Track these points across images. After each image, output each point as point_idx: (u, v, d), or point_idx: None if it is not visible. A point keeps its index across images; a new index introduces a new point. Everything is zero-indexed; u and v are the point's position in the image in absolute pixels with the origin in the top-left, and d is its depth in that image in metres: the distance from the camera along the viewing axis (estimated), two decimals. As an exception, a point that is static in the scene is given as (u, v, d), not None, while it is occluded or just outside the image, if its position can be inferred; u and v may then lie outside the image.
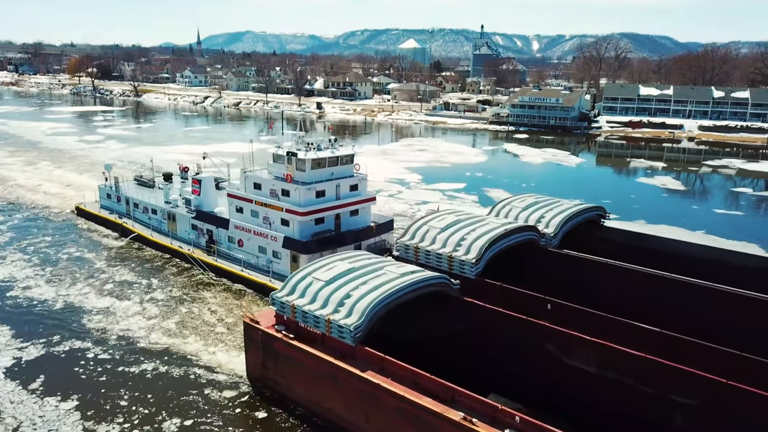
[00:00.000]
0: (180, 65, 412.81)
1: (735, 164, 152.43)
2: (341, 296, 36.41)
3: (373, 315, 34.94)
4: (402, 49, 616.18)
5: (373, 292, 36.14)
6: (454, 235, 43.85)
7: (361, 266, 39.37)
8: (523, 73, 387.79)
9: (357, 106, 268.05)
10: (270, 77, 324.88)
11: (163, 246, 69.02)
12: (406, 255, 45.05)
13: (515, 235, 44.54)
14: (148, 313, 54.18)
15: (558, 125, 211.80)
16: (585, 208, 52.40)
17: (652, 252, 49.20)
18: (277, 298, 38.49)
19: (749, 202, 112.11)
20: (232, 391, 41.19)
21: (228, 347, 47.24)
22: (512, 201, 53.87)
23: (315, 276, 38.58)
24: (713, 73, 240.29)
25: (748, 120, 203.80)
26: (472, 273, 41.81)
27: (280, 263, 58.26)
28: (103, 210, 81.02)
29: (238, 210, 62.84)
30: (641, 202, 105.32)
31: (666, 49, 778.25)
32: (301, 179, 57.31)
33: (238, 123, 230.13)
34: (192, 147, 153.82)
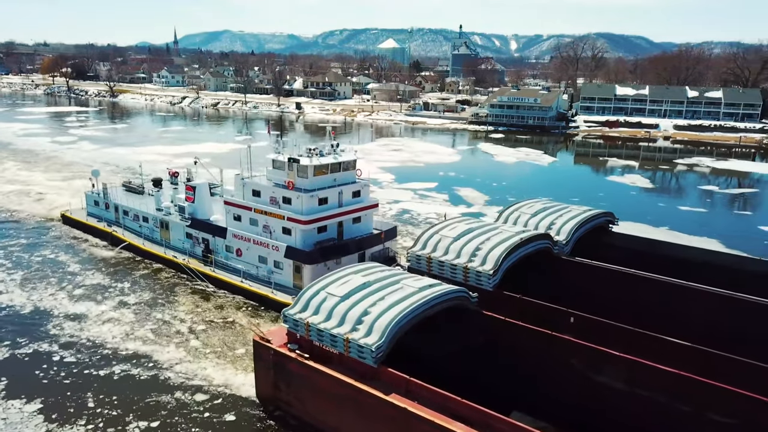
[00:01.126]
0: (157, 65, 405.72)
1: (705, 163, 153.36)
2: (359, 313, 34.01)
3: (394, 334, 32.63)
4: (381, 48, 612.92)
5: (393, 308, 33.80)
6: (468, 245, 41.61)
7: (376, 280, 36.99)
8: (502, 72, 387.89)
9: (336, 106, 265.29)
10: (248, 77, 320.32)
11: (157, 256, 65.54)
12: (417, 266, 42.71)
13: (531, 243, 42.48)
14: (149, 331, 50.73)
15: (536, 125, 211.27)
16: (595, 214, 50.53)
17: (664, 258, 47.45)
18: (290, 316, 35.94)
19: (714, 199, 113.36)
20: (240, 412, 38.73)
21: (232, 364, 44.70)
22: (520, 207, 51.83)
23: (329, 291, 36.09)
24: (687, 73, 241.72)
25: (721, 119, 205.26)
26: (489, 285, 39.64)
27: (282, 274, 55.43)
28: (90, 218, 77.01)
29: (236, 218, 59.74)
30: (608, 199, 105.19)
31: (641, 48, 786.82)
32: (303, 186, 54.60)
33: (216, 124, 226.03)
34: (165, 148, 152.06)
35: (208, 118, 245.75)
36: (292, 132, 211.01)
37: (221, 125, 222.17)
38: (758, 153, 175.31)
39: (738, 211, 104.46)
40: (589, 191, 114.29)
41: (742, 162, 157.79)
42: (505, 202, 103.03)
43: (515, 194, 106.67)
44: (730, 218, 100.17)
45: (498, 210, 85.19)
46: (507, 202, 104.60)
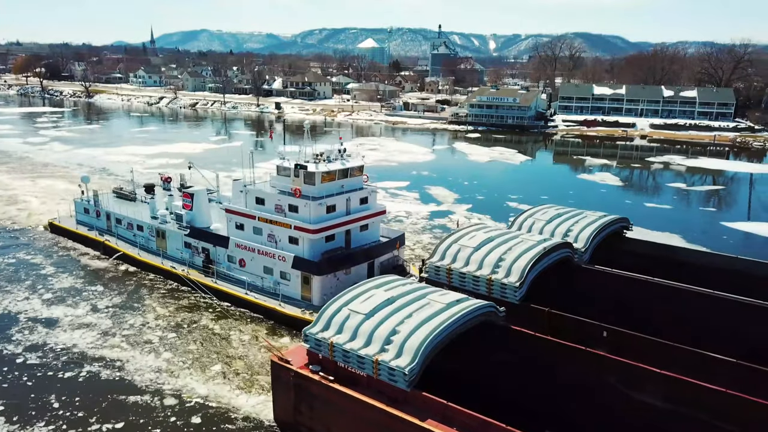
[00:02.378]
0: (133, 65, 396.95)
1: (676, 161, 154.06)
2: (386, 332, 31.70)
3: (427, 355, 30.42)
4: (360, 48, 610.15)
5: (423, 327, 31.57)
6: (490, 255, 39.47)
7: (400, 295, 34.72)
8: (481, 72, 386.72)
9: (316, 106, 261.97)
10: (227, 77, 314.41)
11: (154, 266, 62.14)
12: (436, 277, 40.48)
13: (554, 253, 40.51)
14: (152, 349, 47.85)
15: (516, 124, 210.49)
16: (612, 220, 48.72)
17: (682, 265, 45.85)
18: (312, 335, 33.46)
19: (681, 196, 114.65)
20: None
21: (243, 384, 42.11)
22: (534, 213, 49.77)
23: (352, 308, 33.70)
24: (663, 73, 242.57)
25: (696, 118, 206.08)
26: (515, 298, 37.58)
27: (288, 285, 52.55)
28: (80, 226, 73.07)
29: (239, 227, 56.64)
30: (577, 197, 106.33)
31: (618, 48, 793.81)
32: (310, 194, 51.75)
33: (194, 124, 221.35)
34: (138, 148, 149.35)
35: (186, 118, 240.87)
36: (278, 134, 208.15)
37: (199, 126, 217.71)
38: (732, 151, 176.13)
39: (703, 208, 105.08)
40: (559, 189, 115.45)
41: (712, 160, 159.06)
42: (474, 200, 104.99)
43: (485, 193, 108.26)
44: (694, 214, 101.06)
45: (496, 219, 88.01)
46: (476, 200, 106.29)
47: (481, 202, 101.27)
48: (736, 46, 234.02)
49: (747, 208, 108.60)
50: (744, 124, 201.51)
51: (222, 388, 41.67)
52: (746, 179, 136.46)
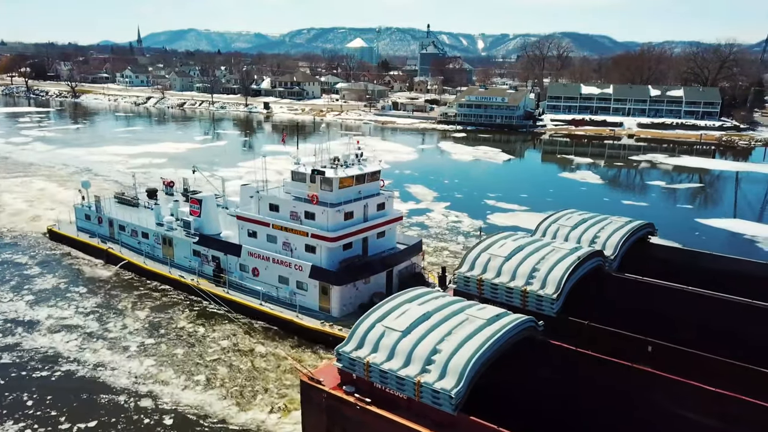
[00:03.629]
0: (120, 64, 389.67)
1: (659, 159, 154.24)
2: (427, 351, 29.35)
3: (473, 376, 28.13)
4: (349, 48, 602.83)
5: (466, 345, 29.28)
6: (522, 265, 37.22)
7: (436, 310, 32.37)
8: (470, 72, 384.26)
9: (305, 105, 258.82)
10: (215, 77, 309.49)
11: (161, 275, 58.97)
12: (466, 289, 38.15)
13: (588, 262, 38.38)
14: (171, 366, 44.89)
15: (504, 124, 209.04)
16: (638, 226, 46.60)
17: (709, 272, 43.85)
18: (345, 354, 31.00)
19: (659, 193, 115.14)
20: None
21: (265, 402, 39.80)
22: (558, 219, 47.59)
23: (386, 325, 31.30)
24: (650, 72, 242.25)
25: (682, 117, 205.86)
26: (552, 310, 35.36)
27: (305, 295, 49.84)
28: (81, 233, 69.55)
29: (251, 234, 53.77)
30: (556, 195, 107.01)
31: (605, 48, 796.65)
32: (328, 200, 49.14)
33: (182, 124, 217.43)
34: (121, 148, 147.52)
35: (173, 118, 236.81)
36: (260, 132, 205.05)
37: (186, 126, 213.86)
38: (718, 150, 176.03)
39: (680, 205, 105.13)
40: (539, 187, 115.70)
41: (694, 158, 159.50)
42: (453, 198, 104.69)
43: (464, 191, 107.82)
44: (670, 211, 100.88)
45: (473, 217, 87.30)
46: (454, 198, 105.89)
47: (459, 200, 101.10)
48: (722, 46, 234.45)
49: (724, 205, 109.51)
50: (730, 123, 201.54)
51: (248, 407, 39.41)
52: (727, 177, 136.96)
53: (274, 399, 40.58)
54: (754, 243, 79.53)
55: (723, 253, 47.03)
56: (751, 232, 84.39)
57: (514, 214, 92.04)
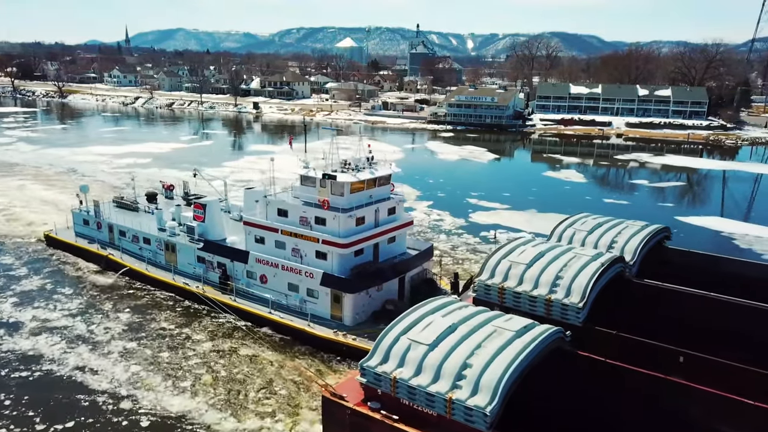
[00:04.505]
0: (108, 64, 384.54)
1: (643, 158, 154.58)
2: (457, 365, 27.64)
3: (507, 392, 26.47)
4: (339, 47, 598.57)
5: (498, 359, 27.62)
6: (545, 273, 35.56)
7: (461, 321, 30.67)
8: (459, 72, 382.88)
9: (295, 105, 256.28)
10: (204, 77, 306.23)
11: (164, 283, 56.55)
12: (486, 297, 36.41)
13: (611, 268, 36.81)
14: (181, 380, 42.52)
15: (494, 124, 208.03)
16: (656, 230, 45.11)
17: (729, 277, 42.44)
18: (370, 369, 29.20)
19: (641, 191, 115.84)
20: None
21: (282, 418, 37.80)
22: (573, 224, 45.95)
23: (412, 338, 29.54)
24: (638, 72, 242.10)
25: (670, 117, 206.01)
26: (578, 320, 33.71)
27: (316, 303, 47.82)
28: (79, 239, 66.83)
29: (258, 240, 51.59)
30: (538, 194, 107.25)
31: (593, 47, 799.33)
32: (339, 205, 47.13)
33: (171, 124, 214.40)
34: (106, 148, 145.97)
35: (162, 118, 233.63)
36: (249, 132, 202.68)
37: (175, 126, 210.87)
38: (705, 149, 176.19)
39: (661, 203, 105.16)
40: (522, 186, 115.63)
41: (678, 157, 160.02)
42: (436, 197, 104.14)
43: (447, 190, 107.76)
44: (650, 209, 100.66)
45: (455, 216, 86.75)
46: (437, 197, 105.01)
47: (442, 199, 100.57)
48: (709, 46, 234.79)
49: (706, 204, 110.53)
50: (717, 122, 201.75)
51: (264, 423, 37.48)
52: (712, 176, 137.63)
53: (286, 410, 38.80)
54: (731, 240, 79.37)
55: (742, 258, 45.55)
56: (729, 230, 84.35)
57: (495, 212, 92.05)
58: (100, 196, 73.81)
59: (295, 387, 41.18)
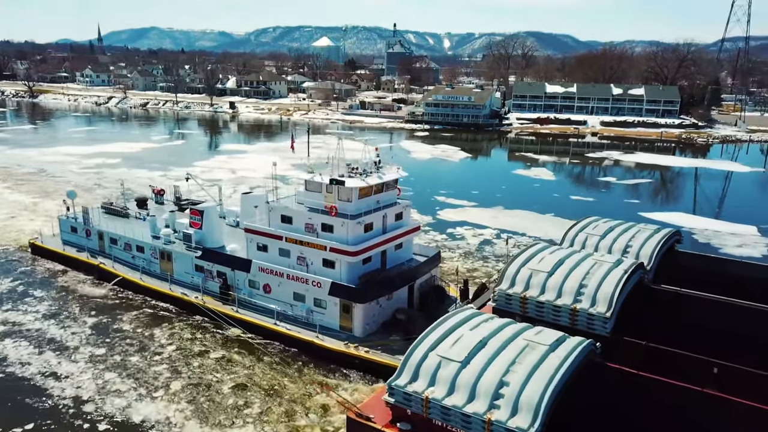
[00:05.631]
0: (80, 63, 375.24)
1: (614, 156, 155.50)
2: (492, 384, 25.92)
3: (549, 411, 24.84)
4: (316, 47, 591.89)
5: (535, 376, 26.00)
6: (568, 281, 34.04)
7: (491, 335, 28.97)
8: (436, 71, 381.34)
9: (272, 105, 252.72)
10: (179, 76, 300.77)
11: (161, 293, 53.37)
12: (507, 307, 34.79)
13: (634, 275, 35.47)
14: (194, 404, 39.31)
15: (471, 123, 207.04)
16: (669, 233, 43.95)
17: (743, 281, 41.40)
18: (399, 388, 27.32)
19: (607, 188, 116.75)
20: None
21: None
22: (584, 228, 44.54)
23: (442, 354, 27.73)
24: (612, 71, 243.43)
25: (644, 115, 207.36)
26: (605, 330, 32.27)
27: (324, 314, 45.36)
28: (67, 247, 63.22)
29: (261, 248, 48.94)
30: (506, 191, 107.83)
31: (568, 47, 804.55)
32: (347, 211, 44.87)
33: (145, 124, 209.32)
34: (75, 148, 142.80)
35: (136, 118, 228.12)
36: (226, 132, 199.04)
37: (149, 126, 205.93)
38: (678, 147, 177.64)
39: (626, 200, 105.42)
40: (491, 184, 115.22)
41: (648, 155, 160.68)
42: (405, 195, 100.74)
43: (417, 189, 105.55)
44: (615, 205, 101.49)
45: (422, 213, 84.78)
46: (406, 195, 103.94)
47: (409, 197, 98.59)
48: (680, 45, 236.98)
49: (669, 200, 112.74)
50: (689, 120, 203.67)
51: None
52: (680, 174, 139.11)
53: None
54: (690, 235, 79.41)
55: (754, 261, 44.59)
56: (691, 225, 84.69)
57: (463, 209, 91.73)
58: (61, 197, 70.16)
59: (301, 402, 38.97)
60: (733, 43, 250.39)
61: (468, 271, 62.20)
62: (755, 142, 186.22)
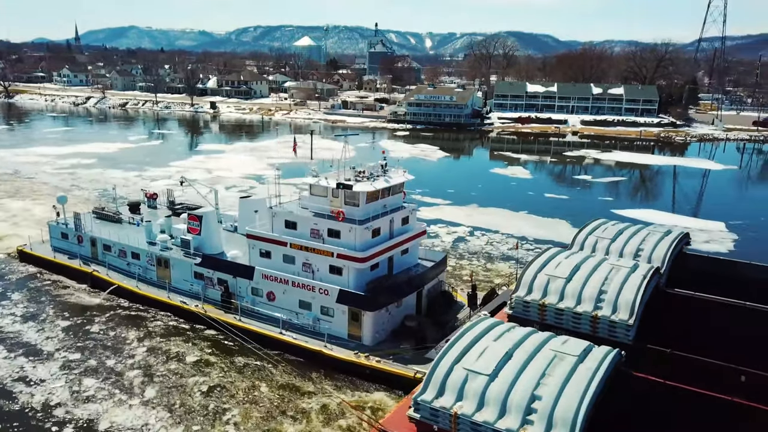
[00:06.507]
0: (57, 63, 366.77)
1: (591, 154, 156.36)
2: (525, 398, 24.58)
3: (584, 426, 23.57)
4: (297, 46, 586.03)
5: (567, 389, 24.74)
6: (587, 287, 32.84)
7: (516, 345, 27.62)
8: (418, 70, 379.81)
9: (253, 105, 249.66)
10: (159, 76, 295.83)
11: (159, 302, 51.00)
12: (525, 314, 33.47)
13: (652, 280, 34.40)
14: None
15: (453, 122, 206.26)
16: (679, 236, 42.99)
17: (749, 282, 40.57)
18: (425, 403, 25.84)
19: (582, 186, 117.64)
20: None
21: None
22: (593, 231, 43.34)
23: (468, 367, 26.32)
24: (591, 71, 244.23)
25: (623, 114, 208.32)
26: (627, 338, 31.12)
27: (331, 322, 43.64)
28: (57, 254, 60.42)
29: (263, 254, 46.96)
30: (482, 190, 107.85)
31: (548, 47, 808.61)
32: (354, 216, 43.16)
33: (124, 125, 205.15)
34: (50, 149, 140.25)
35: (115, 118, 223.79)
36: (207, 132, 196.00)
37: (128, 126, 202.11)
38: (657, 146, 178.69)
39: (601, 197, 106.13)
40: (468, 182, 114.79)
41: (625, 153, 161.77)
42: None
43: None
44: (589, 203, 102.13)
45: None
46: None
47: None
48: (658, 45, 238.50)
49: (642, 197, 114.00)
50: (667, 119, 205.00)
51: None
52: (657, 171, 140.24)
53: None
54: None
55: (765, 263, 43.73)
56: (658, 221, 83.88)
57: (438, 207, 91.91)
58: (42, 199, 67.22)
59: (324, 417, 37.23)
60: (709, 43, 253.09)
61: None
62: (732, 140, 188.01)
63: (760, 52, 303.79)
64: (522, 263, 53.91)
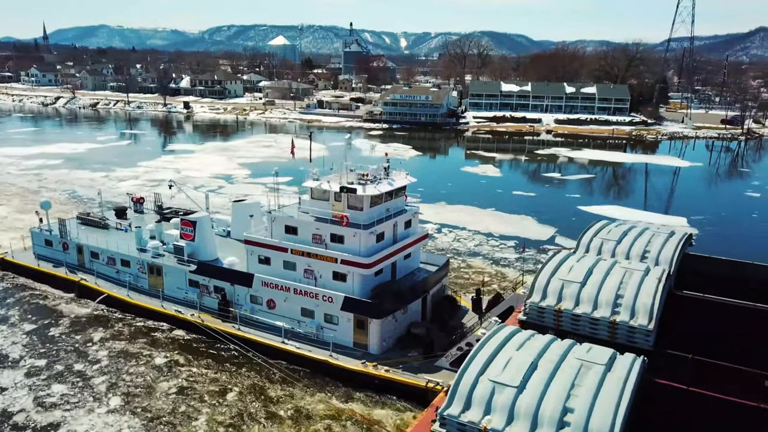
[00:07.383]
0: (24, 62, 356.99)
1: (561, 152, 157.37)
2: (557, 410, 23.41)
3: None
4: (272, 45, 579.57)
5: (599, 400, 23.66)
6: (603, 292, 31.84)
7: (539, 355, 26.43)
8: (393, 70, 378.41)
9: (227, 104, 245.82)
10: (130, 75, 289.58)
11: (152, 311, 48.63)
12: (540, 320, 32.31)
13: (666, 284, 33.51)
14: None
15: (429, 122, 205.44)
16: (683, 237, 42.21)
17: (755, 282, 40.04)
18: (452, 418, 24.45)
19: (551, 183, 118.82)
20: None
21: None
22: (598, 233, 42.34)
23: (494, 379, 25.05)
24: (564, 70, 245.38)
25: (596, 113, 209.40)
26: (647, 343, 30.19)
27: (336, 330, 41.91)
28: (42, 262, 57.47)
29: (262, 261, 45.05)
30: (451, 188, 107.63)
31: (522, 47, 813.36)
32: (358, 221, 41.53)
33: (95, 125, 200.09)
34: (15, 149, 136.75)
35: (85, 119, 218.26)
36: (180, 132, 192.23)
37: (99, 127, 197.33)
38: (629, 144, 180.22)
39: (568, 194, 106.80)
40: (438, 180, 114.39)
41: (595, 151, 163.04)
42: None
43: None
44: (556, 199, 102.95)
45: None
46: None
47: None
48: (629, 45, 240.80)
49: (609, 194, 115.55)
50: (639, 118, 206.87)
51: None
52: (627, 169, 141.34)
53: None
54: None
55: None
56: (622, 217, 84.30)
57: None
58: (6, 200, 64.28)
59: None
60: (678, 43, 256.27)
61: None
62: (701, 138, 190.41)
63: (726, 51, 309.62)
64: (530, 266, 52.70)
